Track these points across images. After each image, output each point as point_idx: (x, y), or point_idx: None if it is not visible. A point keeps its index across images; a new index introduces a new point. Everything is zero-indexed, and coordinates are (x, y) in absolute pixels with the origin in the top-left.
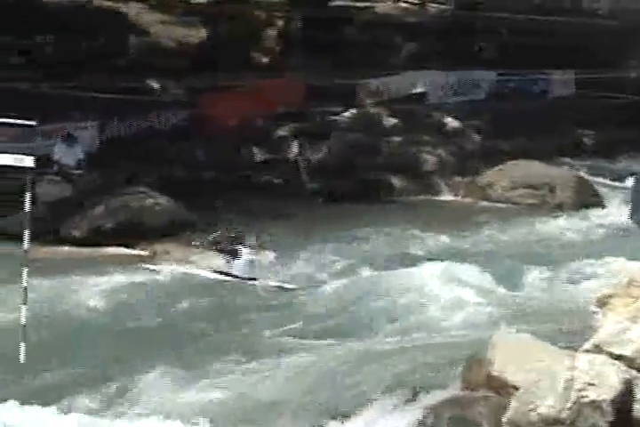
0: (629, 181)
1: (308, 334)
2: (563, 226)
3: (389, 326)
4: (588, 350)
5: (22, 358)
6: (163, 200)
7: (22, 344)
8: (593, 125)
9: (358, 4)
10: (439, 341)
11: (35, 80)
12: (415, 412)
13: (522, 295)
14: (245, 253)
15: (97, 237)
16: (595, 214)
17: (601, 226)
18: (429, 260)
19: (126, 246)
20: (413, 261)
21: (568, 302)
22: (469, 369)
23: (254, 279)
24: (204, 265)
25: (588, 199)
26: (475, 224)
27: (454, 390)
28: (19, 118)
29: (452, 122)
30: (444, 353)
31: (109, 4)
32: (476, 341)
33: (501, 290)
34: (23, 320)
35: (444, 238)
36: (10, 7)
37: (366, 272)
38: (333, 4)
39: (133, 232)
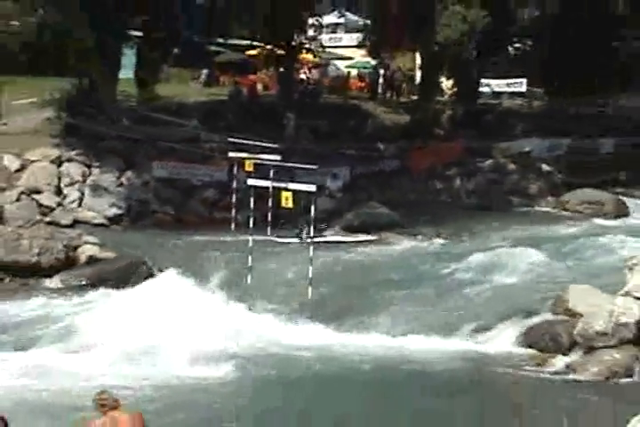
0: None
1: None
2: (606, 224)
3: None
4: (622, 295)
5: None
6: (385, 209)
7: (309, 288)
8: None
9: None
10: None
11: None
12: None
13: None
14: None
15: (349, 230)
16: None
17: (625, 223)
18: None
19: (366, 234)
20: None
21: (609, 263)
22: (555, 304)
23: None
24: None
25: (622, 210)
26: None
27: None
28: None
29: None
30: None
31: None
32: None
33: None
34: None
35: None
36: None
37: None
38: None
39: (369, 227)
